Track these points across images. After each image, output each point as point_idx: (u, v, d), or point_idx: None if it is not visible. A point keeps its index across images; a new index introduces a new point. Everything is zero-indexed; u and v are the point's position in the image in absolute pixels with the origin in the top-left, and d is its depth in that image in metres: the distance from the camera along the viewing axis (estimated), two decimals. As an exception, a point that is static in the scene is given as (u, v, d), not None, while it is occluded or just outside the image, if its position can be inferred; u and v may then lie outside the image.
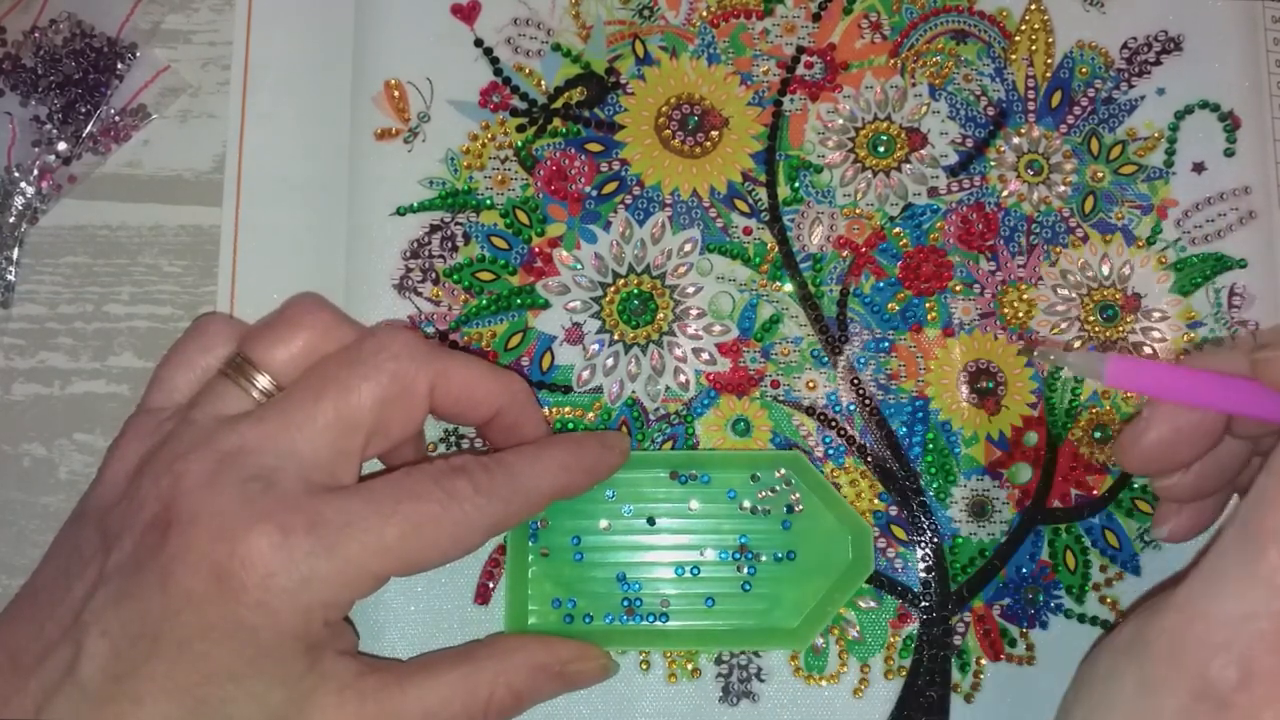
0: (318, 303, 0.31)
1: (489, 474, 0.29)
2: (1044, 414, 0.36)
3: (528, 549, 0.34)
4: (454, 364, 0.30)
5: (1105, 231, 0.37)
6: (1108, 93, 0.38)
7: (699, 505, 0.35)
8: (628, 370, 0.36)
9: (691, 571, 0.34)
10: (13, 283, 0.36)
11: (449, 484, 0.29)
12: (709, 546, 0.34)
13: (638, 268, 0.36)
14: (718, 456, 0.35)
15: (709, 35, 0.38)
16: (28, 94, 0.36)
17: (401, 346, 0.30)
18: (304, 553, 0.27)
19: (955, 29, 0.38)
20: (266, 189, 0.36)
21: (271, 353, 0.30)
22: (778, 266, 0.36)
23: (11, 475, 0.35)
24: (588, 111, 0.37)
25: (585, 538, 0.34)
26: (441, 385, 0.30)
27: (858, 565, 0.34)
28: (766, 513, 0.35)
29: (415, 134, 0.37)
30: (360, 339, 0.30)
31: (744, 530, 0.34)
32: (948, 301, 0.36)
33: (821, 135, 0.37)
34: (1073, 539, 0.36)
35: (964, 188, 0.37)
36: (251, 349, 0.30)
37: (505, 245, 0.36)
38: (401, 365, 0.29)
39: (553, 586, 0.34)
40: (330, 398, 0.29)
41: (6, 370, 0.36)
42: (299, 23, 0.37)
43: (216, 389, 0.30)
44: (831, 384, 0.36)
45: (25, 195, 0.36)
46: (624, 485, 0.34)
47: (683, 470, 0.35)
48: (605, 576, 0.34)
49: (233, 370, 0.30)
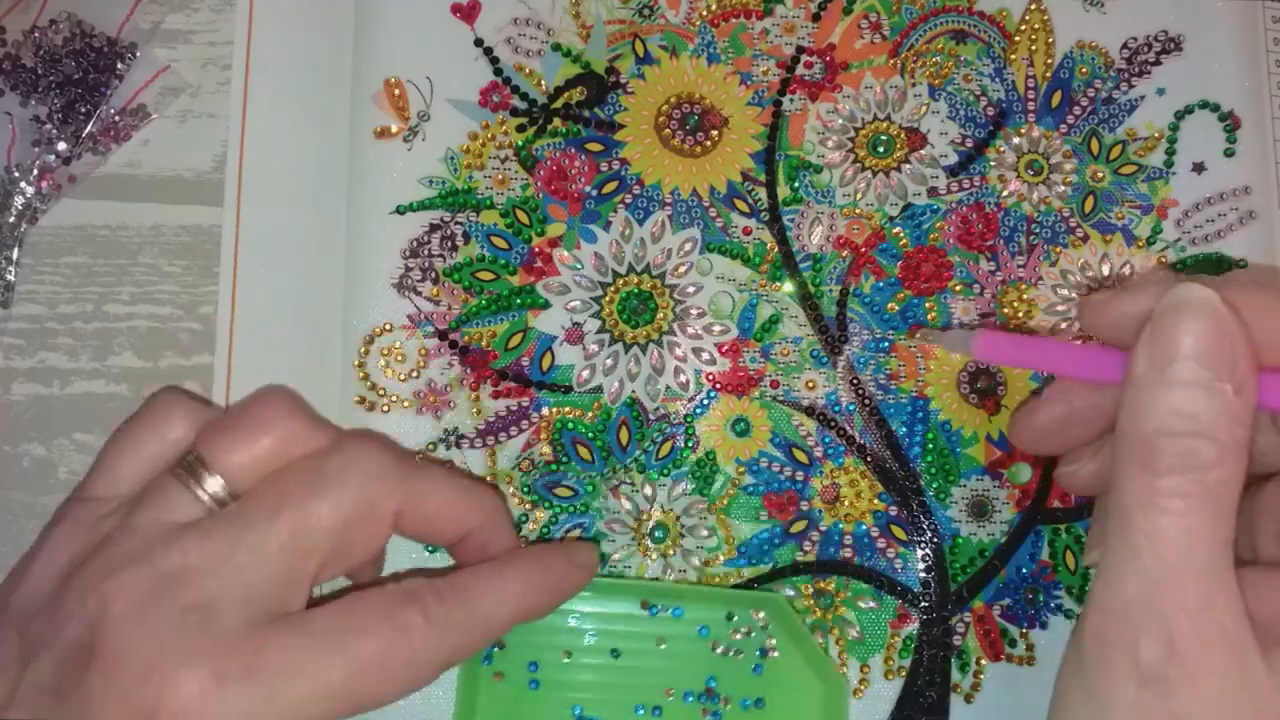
0: (289, 404, 0.29)
1: (443, 602, 0.27)
2: (1044, 414, 0.36)
3: (480, 671, 0.33)
4: (426, 486, 0.29)
5: (1105, 231, 0.37)
6: (1108, 93, 0.38)
7: (667, 641, 0.33)
8: (628, 370, 0.36)
9: (654, 712, 0.33)
10: (13, 283, 0.36)
11: (399, 616, 0.27)
12: (675, 686, 0.33)
13: (638, 267, 0.36)
14: (693, 591, 0.34)
15: (709, 35, 0.38)
16: (28, 94, 0.36)
17: (372, 467, 0.28)
18: (242, 701, 0.24)
19: (955, 29, 0.38)
20: (267, 187, 0.36)
21: (229, 456, 0.27)
22: (777, 266, 0.36)
23: (11, 475, 0.35)
24: (588, 111, 0.37)
25: (543, 666, 0.33)
26: (409, 510, 0.28)
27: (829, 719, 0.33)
28: (739, 655, 0.33)
29: (415, 133, 0.37)
30: (328, 452, 0.28)
31: (713, 671, 0.33)
32: (948, 301, 0.36)
33: (821, 135, 0.37)
34: (1073, 539, 0.36)
35: (964, 188, 0.37)
36: (208, 448, 0.27)
37: (505, 245, 0.36)
38: (370, 487, 0.27)
39: (503, 714, 0.32)
40: (286, 518, 0.26)
41: (6, 370, 0.36)
42: (300, 21, 0.37)
43: (163, 490, 0.27)
44: (831, 384, 0.36)
45: (25, 195, 0.36)
46: (590, 613, 0.33)
47: (654, 601, 0.33)
48: (561, 710, 0.33)
49: (184, 471, 0.27)
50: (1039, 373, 0.30)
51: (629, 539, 0.35)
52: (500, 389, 0.36)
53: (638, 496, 0.35)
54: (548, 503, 0.35)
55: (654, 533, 0.35)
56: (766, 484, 0.35)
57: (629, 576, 0.34)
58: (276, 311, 0.35)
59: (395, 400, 0.35)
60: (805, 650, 0.33)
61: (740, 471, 0.35)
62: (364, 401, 0.35)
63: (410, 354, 0.35)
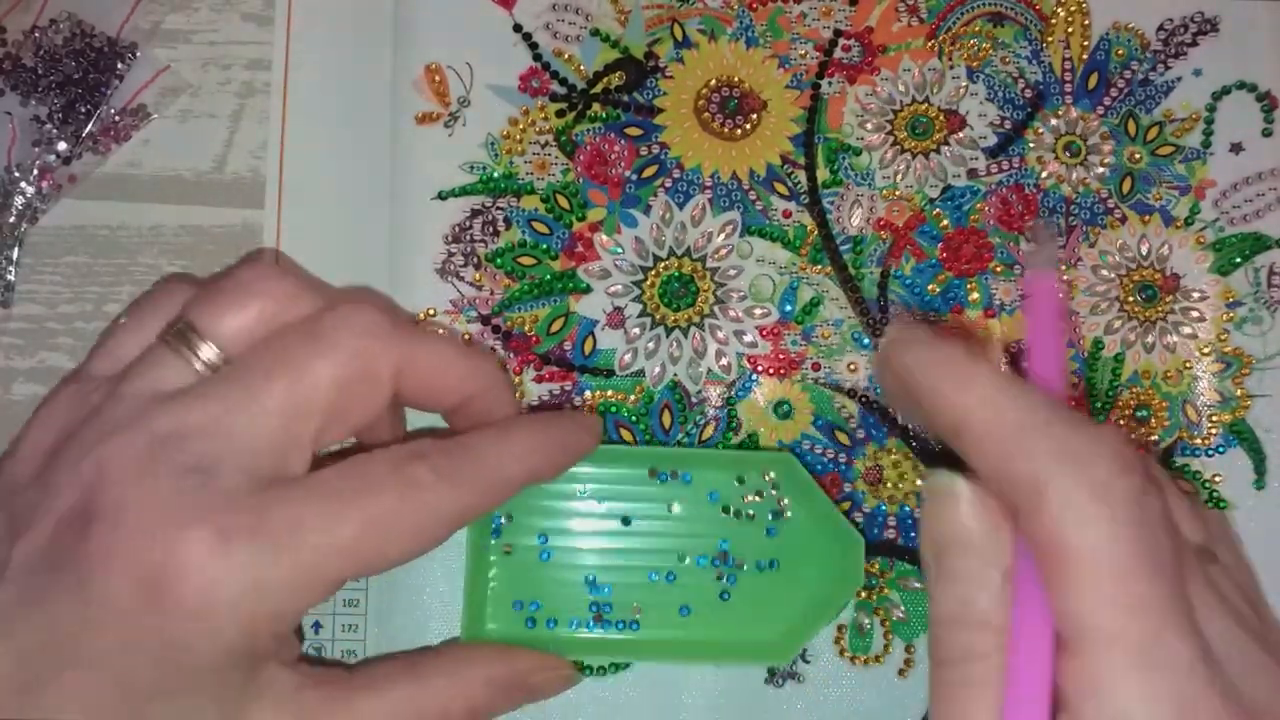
0: (277, 268, 0.28)
1: (451, 458, 0.27)
2: (1084, 394, 0.36)
3: (489, 546, 0.32)
4: (423, 346, 0.28)
5: (1143, 212, 0.37)
6: (1144, 74, 0.38)
7: (679, 507, 0.33)
8: (669, 353, 0.36)
9: (667, 577, 0.33)
10: (13, 282, 0.36)
11: (407, 471, 0.26)
12: (687, 552, 0.33)
13: (678, 251, 0.36)
14: (701, 455, 0.34)
15: (747, 18, 0.38)
16: (28, 94, 0.36)
17: (365, 323, 0.27)
18: (246, 560, 0.23)
19: (992, 11, 0.38)
20: (309, 177, 0.36)
21: (220, 321, 0.26)
22: (818, 249, 0.37)
23: None
24: (627, 96, 0.37)
25: (553, 536, 0.32)
26: (408, 369, 0.27)
27: (846, 578, 0.33)
28: (750, 518, 0.33)
29: (455, 118, 0.37)
30: (320, 312, 0.27)
31: (725, 535, 0.33)
32: (988, 283, 0.37)
33: (860, 118, 0.37)
34: (1114, 519, 0.36)
35: (1003, 169, 0.37)
36: (198, 315, 0.26)
37: (546, 230, 0.36)
38: (364, 344, 0.26)
39: (515, 587, 0.32)
40: (282, 377, 0.25)
41: (6, 370, 0.36)
42: (340, 7, 0.37)
43: (154, 358, 0.26)
44: (872, 366, 0.36)
45: (25, 195, 0.36)
46: (598, 481, 0.33)
47: (663, 468, 0.33)
48: (573, 579, 0.32)
49: (174, 338, 0.26)
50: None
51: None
52: (543, 374, 0.36)
53: (682, 479, 0.35)
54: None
55: (698, 515, 0.35)
56: (809, 466, 0.35)
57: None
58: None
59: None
60: (817, 508, 0.33)
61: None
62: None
63: (454, 339, 0.35)
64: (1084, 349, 0.36)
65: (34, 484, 0.25)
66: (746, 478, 0.33)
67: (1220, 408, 0.36)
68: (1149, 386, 0.36)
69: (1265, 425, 0.36)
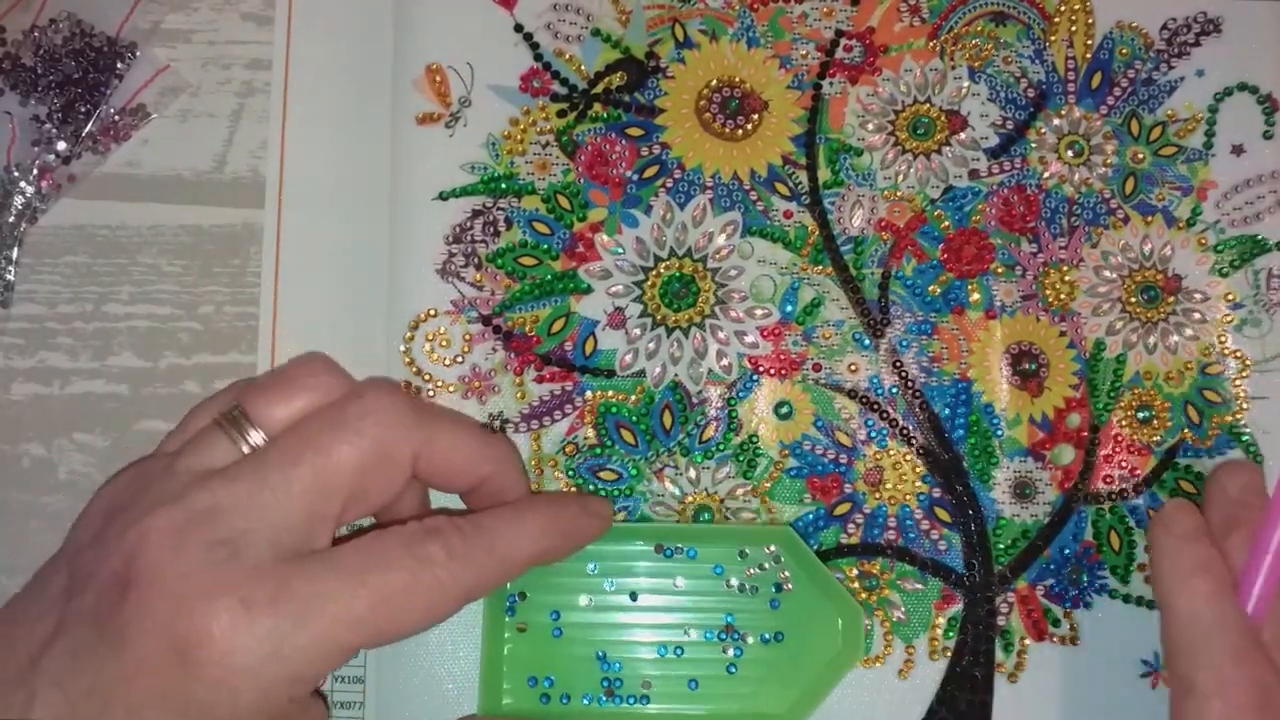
0: (325, 364, 0.30)
1: (464, 537, 0.28)
2: (1086, 395, 0.36)
3: (504, 624, 0.33)
4: (440, 432, 0.30)
5: (1146, 213, 0.37)
6: (1147, 74, 0.38)
7: (684, 581, 0.34)
8: (670, 354, 0.36)
9: (675, 652, 0.33)
10: (12, 282, 0.36)
11: (421, 549, 0.28)
12: (693, 625, 0.34)
13: (679, 251, 0.36)
14: (705, 530, 0.34)
15: (748, 19, 0.38)
16: (27, 93, 0.36)
17: (387, 411, 0.29)
18: (267, 628, 0.26)
19: (994, 11, 0.38)
20: (309, 177, 0.36)
21: (270, 410, 0.29)
22: (819, 250, 0.37)
23: (11, 475, 0.35)
24: (628, 96, 0.37)
25: (565, 613, 0.33)
26: (426, 453, 0.29)
27: (848, 649, 0.33)
28: (754, 590, 0.34)
29: (456, 118, 0.37)
30: (346, 400, 0.29)
31: (730, 609, 0.34)
32: (989, 284, 0.36)
33: (861, 118, 0.37)
34: (1117, 519, 0.36)
35: (1005, 170, 0.37)
36: (250, 403, 0.29)
37: (547, 230, 0.36)
38: (385, 431, 0.28)
39: (529, 664, 0.33)
40: (308, 461, 0.28)
41: (6, 370, 0.36)
42: (340, 8, 0.37)
43: (207, 439, 0.29)
44: (873, 367, 0.36)
45: (25, 195, 0.36)
46: (606, 558, 0.34)
47: (668, 544, 0.34)
48: (585, 655, 0.33)
49: (227, 422, 0.29)
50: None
51: (673, 523, 0.35)
52: (544, 374, 0.36)
53: (681, 480, 0.35)
54: (592, 487, 0.35)
55: (698, 516, 0.35)
56: (810, 467, 0.35)
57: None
58: (322, 299, 0.35)
59: (441, 385, 0.35)
60: (819, 581, 0.34)
61: (783, 455, 0.35)
62: (410, 386, 0.35)
63: (455, 339, 0.36)
64: (1086, 349, 0.36)
65: (90, 546, 0.28)
66: (749, 551, 0.34)
67: (1220, 409, 0.36)
68: (1151, 387, 0.36)
69: (1263, 427, 0.36)
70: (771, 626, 0.34)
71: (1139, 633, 0.35)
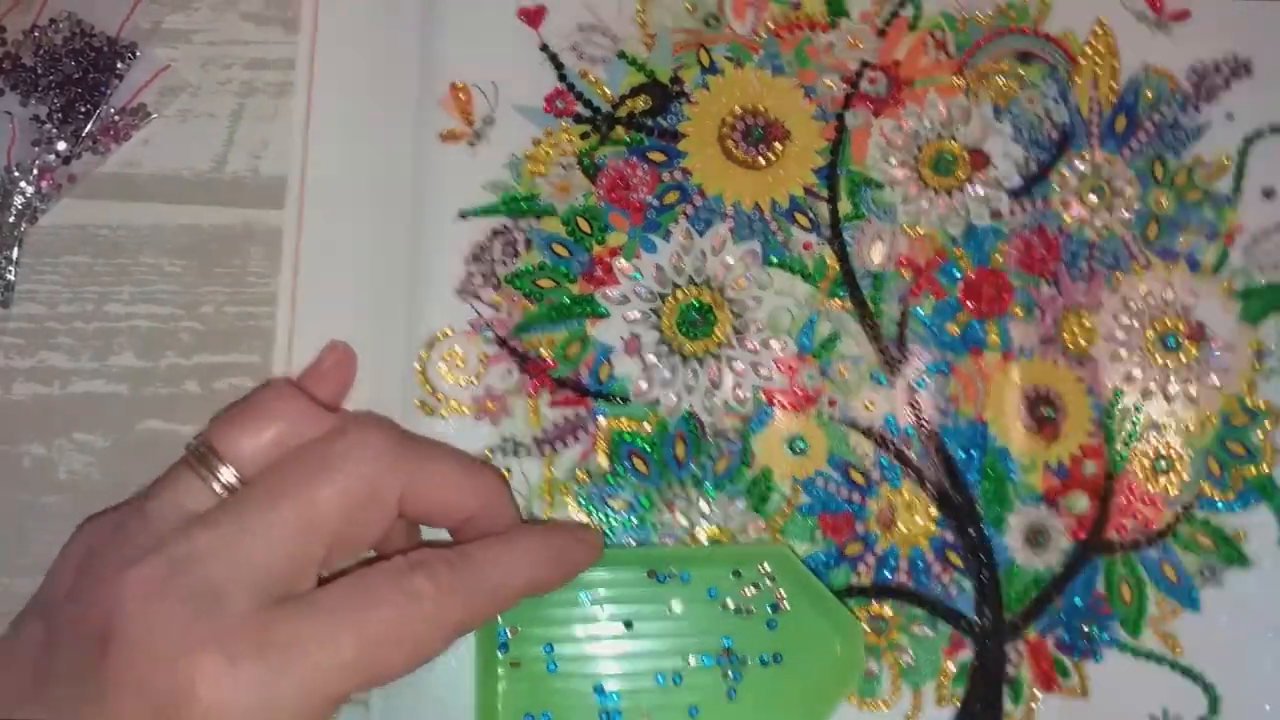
0: (293, 392, 0.30)
1: (452, 569, 0.27)
2: (1103, 443, 0.36)
3: (497, 661, 0.32)
4: (428, 469, 0.29)
5: (1168, 258, 0.37)
6: (1173, 117, 0.38)
7: (679, 606, 0.33)
8: (685, 383, 0.35)
9: (674, 679, 0.33)
10: (12, 282, 0.35)
11: (408, 584, 0.27)
12: (691, 651, 0.33)
13: (697, 279, 0.36)
14: (697, 553, 0.34)
15: (774, 47, 0.37)
16: (27, 93, 0.36)
17: (373, 449, 0.28)
18: (252, 681, 0.25)
19: (1020, 50, 0.38)
20: (330, 190, 0.36)
21: (238, 443, 0.28)
22: (837, 283, 0.36)
23: (11, 475, 0.35)
24: (651, 120, 0.37)
25: (559, 646, 0.33)
26: (412, 491, 0.28)
27: (849, 664, 0.33)
28: (750, 612, 0.33)
29: (480, 137, 0.36)
30: (330, 437, 0.28)
31: (727, 631, 0.33)
32: (1008, 325, 0.36)
33: (884, 151, 0.37)
34: (1129, 570, 0.35)
35: (1026, 211, 0.37)
36: (217, 437, 0.28)
37: (566, 253, 0.36)
38: (370, 470, 0.28)
39: (525, 701, 0.32)
40: (290, 503, 0.27)
41: (6, 370, 0.35)
42: (365, 23, 0.37)
43: (176, 477, 0.28)
44: (889, 405, 0.36)
45: (25, 195, 0.35)
46: (599, 586, 0.33)
47: (660, 569, 0.33)
48: (582, 689, 0.32)
49: (195, 460, 0.28)
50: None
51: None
52: (558, 398, 0.35)
53: (692, 512, 0.35)
54: (603, 515, 0.35)
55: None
56: (823, 504, 0.35)
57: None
58: (338, 314, 0.35)
59: (455, 406, 0.35)
60: (815, 598, 0.33)
61: (796, 490, 0.35)
62: (424, 406, 0.35)
63: (471, 360, 0.35)
64: (1104, 396, 0.36)
65: (68, 598, 0.27)
66: (743, 571, 0.33)
67: (1244, 462, 0.36)
68: (1169, 437, 0.36)
69: (1291, 481, 0.36)
70: (770, 648, 0.33)
71: (1149, 687, 0.34)
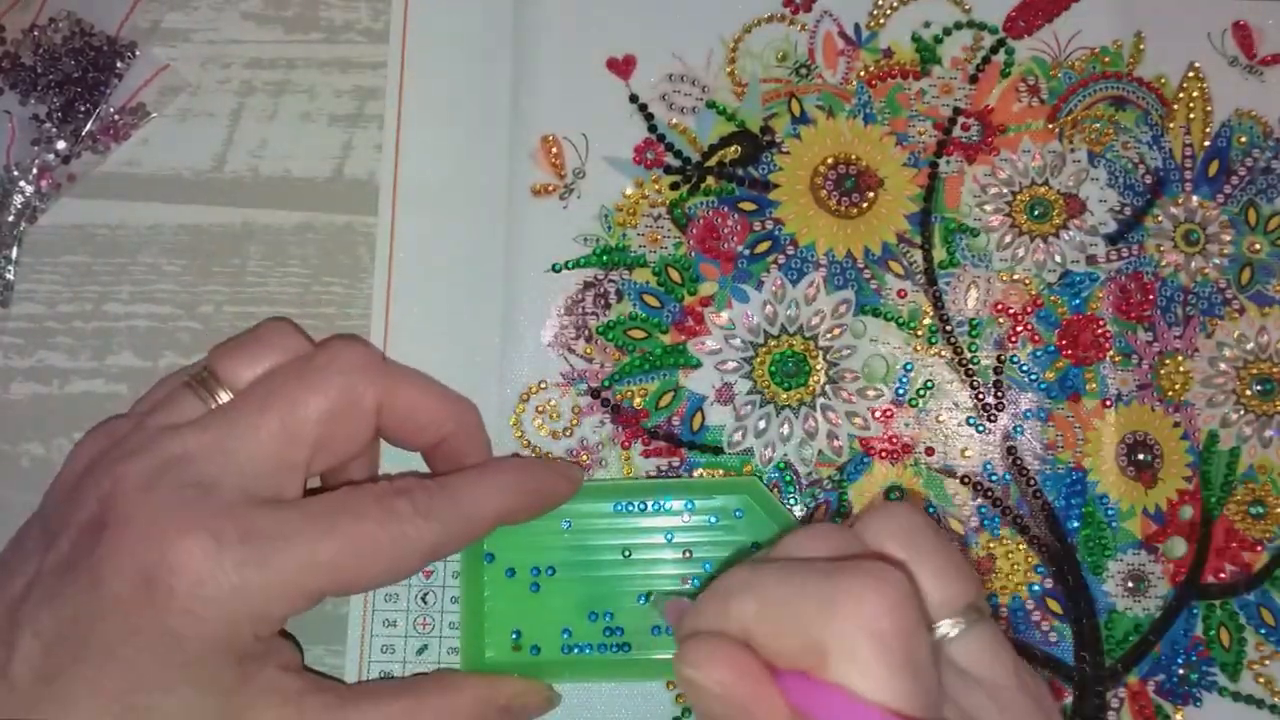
0: (290, 328, 0.31)
1: (430, 495, 0.29)
2: (1199, 487, 0.36)
3: (483, 581, 0.33)
4: (404, 383, 0.31)
5: (1263, 304, 0.37)
6: (1266, 162, 0.37)
7: (663, 536, 0.34)
8: (779, 433, 0.35)
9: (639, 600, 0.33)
10: (11, 282, 0.35)
11: (389, 503, 0.28)
12: (675, 575, 0.33)
13: (790, 329, 0.36)
14: (673, 485, 0.34)
15: (865, 95, 0.37)
16: (27, 93, 0.36)
17: (351, 361, 0.30)
18: (235, 562, 0.26)
19: (1114, 95, 0.37)
20: (422, 243, 0.36)
21: (237, 370, 0.30)
22: (933, 330, 0.36)
23: (11, 475, 0.35)
24: (741, 170, 0.37)
25: (544, 568, 0.33)
26: (389, 403, 0.30)
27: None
28: (723, 536, 0.34)
29: (571, 190, 0.36)
30: (312, 352, 0.30)
31: (709, 558, 0.33)
32: (1105, 371, 0.36)
33: (978, 198, 0.37)
34: (1227, 615, 0.35)
35: (1122, 256, 0.37)
36: (218, 363, 0.30)
37: (657, 303, 0.36)
38: (349, 379, 0.29)
39: (510, 618, 0.33)
40: (275, 409, 0.28)
41: (5, 369, 0.35)
42: (455, 77, 0.37)
43: (177, 398, 0.30)
44: (987, 452, 0.35)
45: (24, 194, 0.35)
46: (585, 516, 0.33)
47: (636, 499, 0.34)
48: (564, 607, 0.33)
49: (196, 382, 0.30)
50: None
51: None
52: (651, 448, 0.35)
53: (791, 563, 0.35)
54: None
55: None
56: (921, 553, 0.35)
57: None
58: (432, 370, 0.35)
59: (550, 458, 0.35)
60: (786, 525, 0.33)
61: (895, 540, 0.35)
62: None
63: (564, 411, 0.35)
64: (1199, 441, 0.36)
65: (65, 499, 0.28)
66: (720, 499, 0.34)
67: (1351, 515, 0.36)
68: (1265, 482, 0.36)
69: (1386, 526, 0.35)
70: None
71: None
